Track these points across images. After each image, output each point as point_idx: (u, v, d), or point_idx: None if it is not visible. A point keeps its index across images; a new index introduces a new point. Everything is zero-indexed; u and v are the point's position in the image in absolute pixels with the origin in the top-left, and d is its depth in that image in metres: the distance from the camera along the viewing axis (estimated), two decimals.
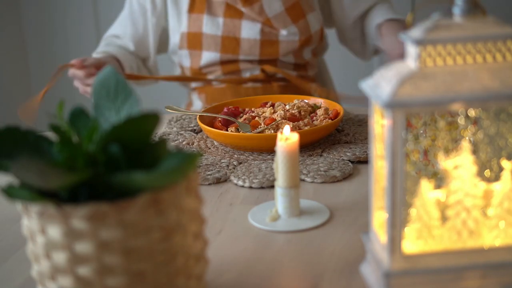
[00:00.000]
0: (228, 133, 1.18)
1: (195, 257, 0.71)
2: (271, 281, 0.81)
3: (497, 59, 0.71)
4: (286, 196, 0.94)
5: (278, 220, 0.95)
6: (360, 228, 0.92)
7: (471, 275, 0.74)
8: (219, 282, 0.81)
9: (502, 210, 0.74)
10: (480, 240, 0.74)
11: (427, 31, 0.70)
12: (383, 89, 0.70)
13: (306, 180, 1.08)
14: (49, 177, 0.64)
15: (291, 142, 0.93)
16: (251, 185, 1.07)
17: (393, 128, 0.69)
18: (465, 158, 0.73)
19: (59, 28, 2.77)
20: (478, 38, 0.70)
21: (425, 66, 0.70)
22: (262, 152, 1.19)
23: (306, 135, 1.17)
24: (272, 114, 1.26)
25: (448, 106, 0.69)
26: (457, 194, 0.73)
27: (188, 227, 0.69)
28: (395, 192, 0.71)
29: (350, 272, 0.82)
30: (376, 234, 0.77)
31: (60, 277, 0.66)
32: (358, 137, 1.24)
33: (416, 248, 0.74)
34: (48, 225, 0.65)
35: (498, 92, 0.69)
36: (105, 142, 0.67)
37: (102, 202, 0.64)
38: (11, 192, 0.65)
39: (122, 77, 0.74)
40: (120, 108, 0.73)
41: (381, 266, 0.74)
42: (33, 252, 0.69)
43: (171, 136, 1.30)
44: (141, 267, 0.66)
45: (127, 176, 0.64)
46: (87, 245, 0.65)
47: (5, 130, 0.69)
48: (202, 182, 1.09)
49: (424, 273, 0.73)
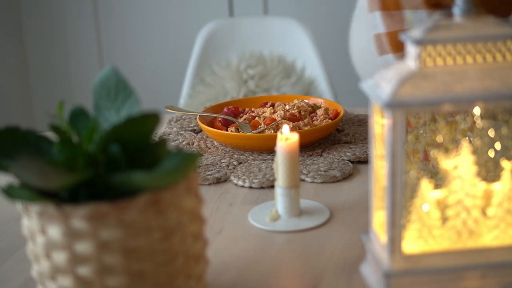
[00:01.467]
0: (228, 133, 1.18)
1: (195, 257, 0.71)
2: (271, 281, 0.81)
3: (497, 59, 0.71)
4: (286, 196, 0.94)
5: (278, 220, 0.95)
6: (360, 228, 0.92)
7: (471, 275, 0.74)
8: (219, 282, 0.81)
9: (502, 210, 0.74)
10: (480, 240, 0.74)
11: (427, 31, 0.70)
12: (383, 89, 0.70)
13: (306, 180, 1.08)
14: (49, 177, 0.64)
15: (291, 142, 0.93)
16: (251, 185, 1.07)
17: (393, 128, 0.69)
18: (465, 158, 0.73)
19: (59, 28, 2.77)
20: (478, 38, 0.70)
21: (425, 66, 0.70)
22: (262, 152, 1.19)
23: (306, 135, 1.17)
24: (272, 114, 1.26)
25: (448, 106, 0.69)
26: (457, 194, 0.73)
27: (188, 227, 0.69)
28: (395, 192, 0.71)
29: (350, 272, 0.82)
30: (376, 234, 0.77)
31: (60, 277, 0.66)
32: (358, 137, 1.24)
33: (416, 248, 0.74)
34: (48, 225, 0.65)
35: (498, 92, 0.69)
36: (105, 142, 0.67)
37: (102, 202, 0.64)
38: (11, 192, 0.65)
39: (122, 77, 0.74)
40: (120, 108, 0.73)
41: (381, 266, 0.74)
42: (33, 252, 0.69)
43: (171, 136, 1.30)
44: (141, 267, 0.66)
45: (127, 176, 0.64)
46: (87, 245, 0.65)
47: (5, 130, 0.69)
48: (202, 182, 1.09)
49: (424, 273, 0.73)
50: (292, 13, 2.42)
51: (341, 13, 2.58)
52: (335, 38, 2.59)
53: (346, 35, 2.66)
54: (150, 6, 2.70)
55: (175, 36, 2.70)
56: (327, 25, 2.58)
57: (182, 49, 2.62)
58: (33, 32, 2.76)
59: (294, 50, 2.17)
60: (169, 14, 2.69)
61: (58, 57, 2.79)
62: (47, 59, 2.80)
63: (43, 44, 2.78)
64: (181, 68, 2.43)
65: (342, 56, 2.61)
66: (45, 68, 2.80)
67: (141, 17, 2.72)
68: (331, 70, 2.21)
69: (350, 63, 2.62)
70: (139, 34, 2.74)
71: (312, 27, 2.24)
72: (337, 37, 2.60)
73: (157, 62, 2.75)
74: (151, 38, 2.72)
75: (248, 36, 2.22)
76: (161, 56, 2.74)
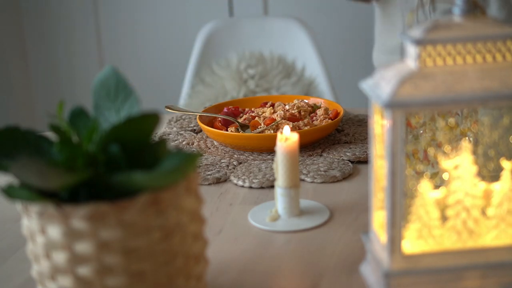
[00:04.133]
0: (228, 133, 1.18)
1: (195, 257, 0.71)
2: (271, 281, 0.81)
3: (497, 59, 0.71)
4: (286, 196, 0.94)
5: (278, 220, 0.95)
6: (360, 228, 0.92)
7: (471, 275, 0.74)
8: (219, 282, 0.81)
9: (502, 210, 0.74)
10: (480, 240, 0.74)
11: (427, 31, 0.70)
12: (383, 89, 0.70)
13: (306, 180, 1.08)
14: (49, 177, 0.64)
15: (291, 142, 0.93)
16: (251, 185, 1.07)
17: (393, 128, 0.69)
18: (465, 158, 0.73)
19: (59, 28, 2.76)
20: (478, 38, 0.70)
21: (425, 66, 0.70)
22: (262, 152, 1.19)
23: (306, 135, 1.17)
24: (272, 114, 1.26)
25: (448, 106, 0.69)
26: (457, 194, 0.73)
27: (188, 227, 0.69)
28: (395, 192, 0.71)
29: (350, 272, 0.82)
30: (376, 234, 0.77)
31: (60, 277, 0.66)
32: (358, 137, 1.24)
33: (416, 248, 0.74)
34: (48, 225, 0.65)
35: (498, 92, 0.69)
36: (105, 142, 0.67)
37: (102, 202, 0.64)
38: (11, 192, 0.65)
39: (122, 77, 0.74)
40: (120, 108, 0.73)
41: (381, 266, 0.74)
42: (33, 252, 0.69)
43: (171, 136, 1.30)
44: (141, 267, 0.66)
45: (127, 176, 0.64)
46: (87, 245, 0.65)
47: (5, 130, 0.69)
48: (202, 182, 1.09)
49: (424, 273, 0.73)
50: (292, 13, 2.42)
51: (341, 13, 2.58)
52: (335, 38, 2.59)
53: (346, 35, 2.67)
54: (150, 6, 2.70)
55: (175, 36, 2.70)
56: (327, 25, 2.58)
57: (182, 49, 2.62)
58: (33, 32, 2.76)
59: (294, 50, 2.17)
60: (169, 14, 2.69)
61: (58, 57, 2.79)
62: (47, 59, 2.80)
63: (43, 44, 2.77)
64: (181, 68, 2.43)
65: (342, 56, 2.61)
66: (45, 68, 2.80)
67: (141, 17, 2.72)
68: (331, 70, 2.21)
69: (350, 63, 2.62)
70: (139, 34, 2.74)
71: (312, 27, 2.24)
72: (337, 37, 2.60)
73: (157, 62, 2.75)
74: (151, 38, 2.72)
75: (248, 36, 2.22)
76: (161, 56, 2.74)
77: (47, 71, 2.80)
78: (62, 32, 2.76)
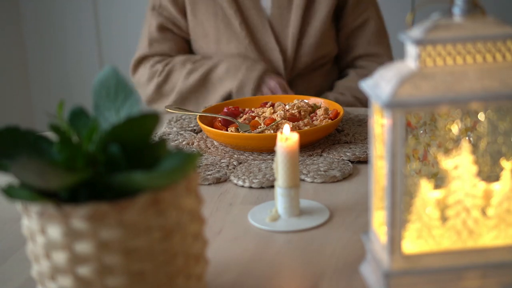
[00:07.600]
0: (228, 133, 1.18)
1: (195, 257, 0.71)
2: (271, 281, 0.81)
3: (497, 59, 0.71)
4: (286, 196, 0.94)
5: (278, 220, 0.95)
6: (360, 228, 0.92)
7: (471, 275, 0.74)
8: (219, 282, 0.81)
9: (502, 210, 0.74)
10: (480, 240, 0.74)
11: (426, 31, 0.70)
12: (383, 89, 0.70)
13: (306, 180, 1.08)
14: (49, 177, 0.64)
15: (291, 142, 0.93)
16: (251, 185, 1.07)
17: (393, 128, 0.69)
18: (465, 158, 0.73)
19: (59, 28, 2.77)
20: (478, 38, 0.70)
21: (425, 66, 0.70)
22: (262, 152, 1.19)
23: (306, 135, 1.17)
24: (272, 114, 1.26)
25: (448, 106, 0.69)
26: (457, 194, 0.73)
27: (188, 227, 0.69)
28: (395, 192, 0.71)
29: (350, 272, 0.82)
30: (376, 234, 0.77)
31: (60, 277, 0.66)
32: (358, 137, 1.24)
33: (416, 248, 0.74)
34: (48, 225, 0.65)
35: (498, 92, 0.69)
36: (105, 142, 0.67)
37: (102, 202, 0.64)
38: (11, 192, 0.65)
39: (122, 77, 0.74)
40: (120, 108, 0.73)
41: (381, 266, 0.74)
42: (33, 252, 0.69)
43: (171, 136, 1.30)
44: (141, 267, 0.66)
45: (127, 176, 0.64)
46: (87, 245, 0.65)
47: (5, 130, 0.69)
48: (202, 182, 1.09)
49: (424, 273, 0.73)
50: None
51: None
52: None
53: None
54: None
55: None
56: None
57: None
58: (32, 32, 2.76)
59: None
60: None
61: (58, 57, 2.79)
62: (47, 59, 2.80)
63: (43, 44, 2.78)
64: None
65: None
66: (45, 68, 2.80)
67: (141, 17, 2.72)
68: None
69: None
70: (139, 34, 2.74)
71: None
72: None
73: None
74: None
75: None
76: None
77: (46, 71, 2.80)
78: (62, 32, 2.76)
